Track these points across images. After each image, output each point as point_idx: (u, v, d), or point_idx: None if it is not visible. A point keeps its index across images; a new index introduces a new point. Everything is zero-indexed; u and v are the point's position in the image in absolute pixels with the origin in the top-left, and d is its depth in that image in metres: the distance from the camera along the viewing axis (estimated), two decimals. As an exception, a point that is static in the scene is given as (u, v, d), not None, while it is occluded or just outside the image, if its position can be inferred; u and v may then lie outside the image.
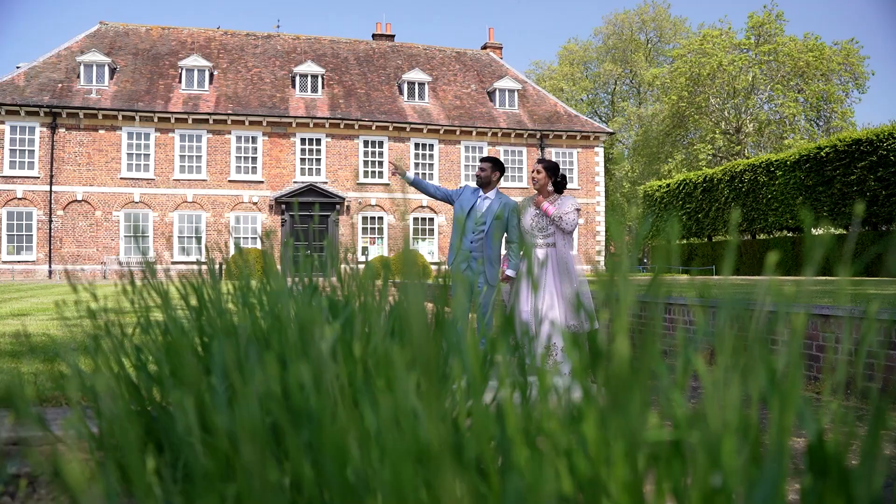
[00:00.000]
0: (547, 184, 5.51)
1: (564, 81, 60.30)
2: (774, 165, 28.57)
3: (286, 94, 30.89)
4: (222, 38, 33.57)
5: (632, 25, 59.92)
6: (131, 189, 28.26)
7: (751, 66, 46.20)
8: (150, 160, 28.63)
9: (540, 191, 5.55)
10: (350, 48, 35.23)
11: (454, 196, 5.79)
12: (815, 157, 26.27)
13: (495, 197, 5.69)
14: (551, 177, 5.51)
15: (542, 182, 5.51)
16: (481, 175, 5.67)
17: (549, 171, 5.51)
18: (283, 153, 29.95)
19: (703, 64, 45.61)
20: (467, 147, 32.05)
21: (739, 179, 30.83)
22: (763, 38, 47.00)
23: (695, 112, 47.86)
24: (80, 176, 27.87)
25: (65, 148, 27.80)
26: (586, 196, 33.37)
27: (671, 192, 36.49)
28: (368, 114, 30.89)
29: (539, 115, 33.66)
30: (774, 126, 47.27)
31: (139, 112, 28.10)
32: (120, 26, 32.65)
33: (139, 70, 30.27)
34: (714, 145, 48.46)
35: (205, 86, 30.02)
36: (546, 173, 5.50)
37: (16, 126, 27.45)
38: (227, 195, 29.26)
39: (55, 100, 27.66)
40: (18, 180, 27.40)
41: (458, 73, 35.20)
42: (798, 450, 3.36)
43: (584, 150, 33.60)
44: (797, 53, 44.88)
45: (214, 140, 29.23)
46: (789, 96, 45.41)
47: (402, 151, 31.30)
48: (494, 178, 5.71)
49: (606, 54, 61.26)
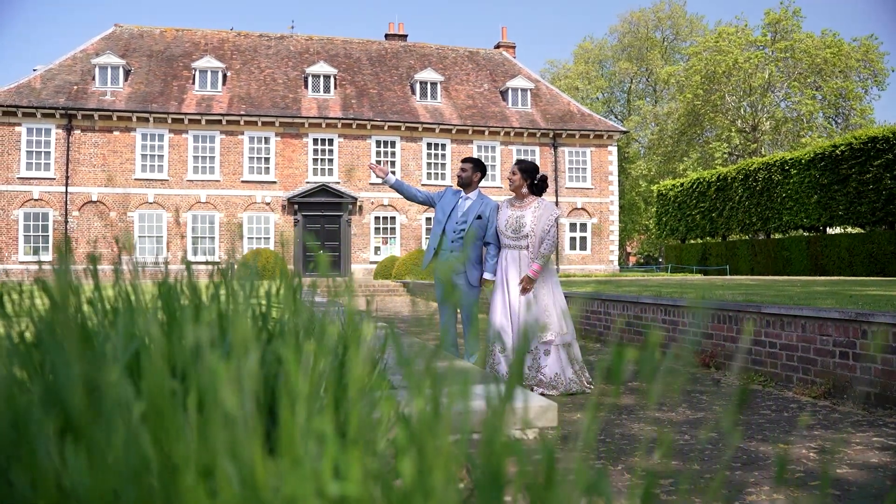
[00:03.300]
0: (522, 186, 5.44)
1: (580, 80, 60.01)
2: (789, 164, 28.26)
3: (299, 95, 30.98)
4: (235, 40, 33.72)
5: (647, 23, 59.54)
6: (145, 190, 28.47)
7: (767, 64, 45.76)
8: (164, 161, 28.83)
9: (515, 192, 5.49)
10: (362, 48, 35.26)
11: (436, 199, 5.77)
12: (831, 155, 25.96)
13: (476, 198, 5.66)
14: (527, 179, 5.44)
15: (517, 184, 5.44)
16: (462, 176, 5.65)
17: (525, 172, 5.44)
18: (295, 153, 30.04)
19: (718, 62, 45.22)
20: (480, 147, 31.97)
21: (754, 178, 30.54)
22: (780, 35, 46.54)
23: (710, 110, 47.46)
24: (95, 177, 28.12)
25: (80, 149, 28.05)
26: (599, 195, 33.19)
27: (685, 192, 36.21)
28: (381, 114, 30.91)
29: (552, 114, 33.52)
30: (791, 124, 46.78)
31: (153, 113, 28.30)
32: (134, 28, 32.89)
33: (153, 72, 30.47)
34: (730, 144, 48.05)
35: (218, 87, 30.17)
36: (521, 175, 5.43)
37: (32, 128, 27.74)
38: (240, 195, 29.40)
39: (71, 102, 27.92)
40: (35, 181, 27.68)
41: (470, 73, 35.13)
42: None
43: (598, 149, 33.42)
44: (814, 50, 44.40)
45: (227, 141, 29.38)
46: (806, 94, 44.93)
47: (414, 151, 31.29)
48: (475, 179, 5.68)
49: (622, 53, 60.91)
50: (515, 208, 5.42)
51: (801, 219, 27.49)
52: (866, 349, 4.78)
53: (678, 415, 4.45)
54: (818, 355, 5.19)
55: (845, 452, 3.53)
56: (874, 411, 4.53)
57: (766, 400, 4.96)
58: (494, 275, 5.47)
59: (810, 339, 5.27)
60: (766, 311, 5.76)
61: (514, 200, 5.49)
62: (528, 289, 5.25)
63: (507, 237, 5.39)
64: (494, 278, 5.47)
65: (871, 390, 4.70)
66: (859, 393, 4.79)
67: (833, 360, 5.04)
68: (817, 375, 5.18)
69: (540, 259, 5.24)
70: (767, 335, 5.75)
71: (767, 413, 4.52)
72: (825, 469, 0.74)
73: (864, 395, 4.76)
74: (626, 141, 55.64)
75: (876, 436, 3.89)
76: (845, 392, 4.91)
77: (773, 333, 5.67)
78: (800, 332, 5.38)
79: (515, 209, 5.41)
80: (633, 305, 7.85)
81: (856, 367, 4.84)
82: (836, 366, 5.01)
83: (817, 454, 3.50)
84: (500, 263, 5.43)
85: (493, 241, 5.51)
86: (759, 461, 3.37)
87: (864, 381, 4.77)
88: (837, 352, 5.01)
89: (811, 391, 5.08)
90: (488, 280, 5.49)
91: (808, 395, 5.06)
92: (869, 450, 3.59)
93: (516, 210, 5.40)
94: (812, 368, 5.24)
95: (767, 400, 4.96)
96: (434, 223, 5.77)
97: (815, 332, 5.23)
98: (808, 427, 4.12)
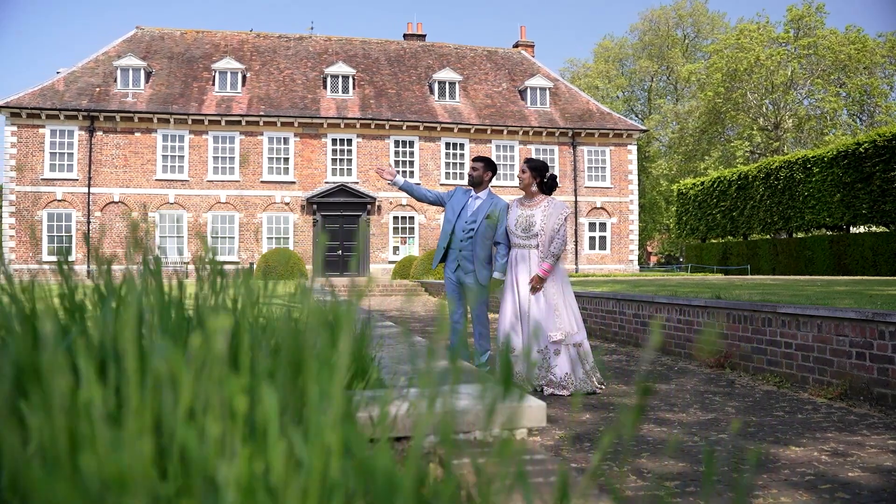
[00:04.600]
0: (531, 184, 5.42)
1: (599, 79, 59.69)
2: (811, 162, 27.90)
3: (317, 95, 31.09)
4: (255, 41, 33.92)
5: (668, 21, 59.09)
6: (166, 190, 28.72)
7: (790, 61, 45.21)
8: (185, 162, 29.06)
9: (525, 191, 5.47)
10: (381, 48, 35.32)
11: (446, 198, 5.76)
12: (854, 152, 25.58)
13: (486, 197, 5.64)
14: (537, 177, 5.42)
15: (526, 182, 5.43)
16: (473, 175, 5.63)
17: (534, 170, 5.42)
18: (314, 154, 30.15)
19: (740, 59, 44.75)
20: (498, 146, 31.90)
21: (775, 177, 30.18)
22: (802, 32, 45.97)
23: (732, 108, 46.98)
24: (116, 178, 28.41)
25: (102, 150, 28.36)
26: (619, 195, 32.97)
27: (705, 190, 35.89)
28: (399, 114, 30.93)
29: (571, 113, 33.36)
30: (815, 122, 46.18)
31: (174, 115, 28.54)
32: (155, 31, 33.19)
33: (174, 73, 30.73)
34: (752, 142, 47.54)
35: (237, 88, 30.36)
36: (531, 173, 5.42)
37: (55, 130, 28.09)
38: (259, 196, 29.56)
39: (93, 104, 28.22)
40: (58, 182, 28.03)
41: (489, 72, 35.06)
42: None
43: (617, 147, 33.20)
44: (838, 46, 43.78)
45: (247, 141, 29.55)
46: (830, 91, 44.32)
47: (432, 151, 31.28)
48: (486, 178, 5.66)
49: (642, 51, 60.51)
50: (525, 207, 5.39)
51: (823, 218, 27.12)
52: (884, 350, 4.69)
53: (689, 416, 4.39)
54: (834, 356, 5.11)
55: (858, 455, 3.46)
56: (891, 413, 4.44)
57: (781, 401, 4.88)
58: (504, 274, 5.45)
59: (826, 339, 5.19)
60: (782, 311, 5.68)
61: (524, 199, 5.47)
62: (538, 288, 5.21)
63: (517, 236, 5.37)
64: (504, 278, 5.44)
65: (889, 392, 4.62)
66: (876, 394, 4.70)
67: (849, 361, 4.95)
68: (833, 376, 5.09)
69: (549, 258, 5.21)
70: (783, 335, 5.66)
71: (780, 415, 4.45)
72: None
73: (881, 396, 4.67)
74: (647, 140, 55.27)
75: (891, 438, 3.81)
76: (862, 393, 4.82)
77: (789, 334, 5.59)
78: (816, 333, 5.30)
79: (525, 208, 5.38)
80: (648, 305, 7.77)
81: (873, 368, 4.75)
82: (852, 367, 4.92)
83: (829, 457, 3.43)
84: (510, 263, 5.41)
85: (503, 241, 5.48)
86: (769, 463, 3.31)
87: (880, 383, 4.68)
88: (854, 352, 4.92)
89: (827, 392, 4.99)
90: (498, 279, 5.46)
91: (824, 396, 4.98)
92: (883, 452, 3.51)
93: (526, 209, 5.37)
94: (828, 369, 5.15)
95: (782, 401, 4.88)
96: (444, 222, 5.75)
97: (832, 332, 5.14)
98: (821, 429, 4.05)
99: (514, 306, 5.31)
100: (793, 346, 5.54)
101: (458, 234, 5.56)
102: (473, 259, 5.51)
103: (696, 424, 4.14)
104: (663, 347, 7.39)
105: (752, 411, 4.54)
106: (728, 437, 3.82)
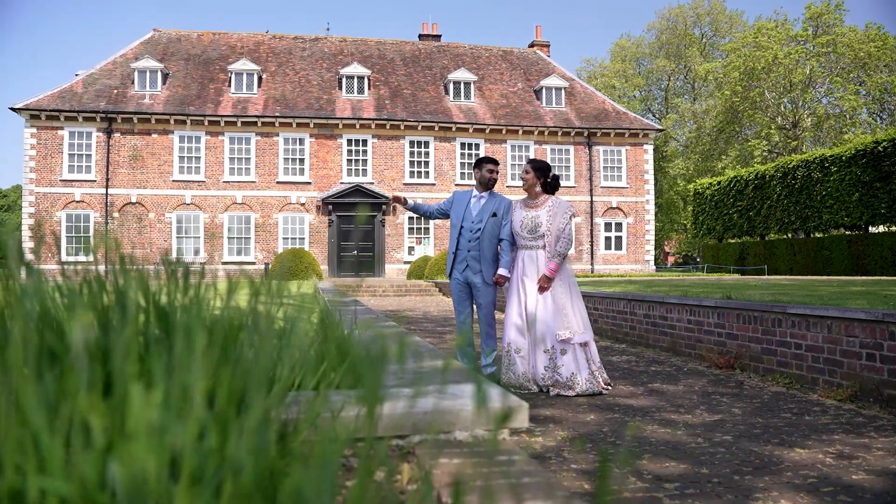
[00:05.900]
0: (535, 184, 5.42)
1: (616, 78, 59.46)
2: (829, 161, 27.60)
3: (333, 96, 31.18)
4: (270, 42, 34.09)
5: (686, 20, 58.76)
6: (183, 191, 28.93)
7: (808, 59, 44.79)
8: (201, 163, 29.26)
9: (528, 191, 5.47)
10: (396, 49, 35.37)
11: (445, 206, 5.82)
12: (873, 151, 25.28)
13: (489, 196, 5.67)
14: (540, 177, 5.42)
15: (530, 182, 5.43)
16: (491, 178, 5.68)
17: (538, 171, 5.43)
18: (329, 154, 30.25)
19: (757, 58, 44.38)
20: (514, 146, 31.84)
21: (792, 176, 29.90)
22: (821, 30, 45.52)
23: (749, 107, 46.60)
24: (133, 179, 28.66)
25: (119, 152, 28.62)
26: (635, 195, 32.79)
27: (722, 190, 35.63)
28: (414, 114, 30.96)
29: (587, 112, 33.23)
30: (834, 120, 45.70)
31: (190, 116, 28.74)
32: (172, 33, 33.45)
33: (190, 75, 30.95)
34: (770, 141, 47.12)
35: (253, 89, 30.53)
36: (535, 173, 5.42)
37: (74, 131, 28.39)
38: (275, 196, 29.70)
39: (111, 105, 28.50)
40: (76, 184, 28.32)
41: (504, 72, 35.01)
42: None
43: (633, 147, 33.02)
44: (858, 44, 43.31)
45: (263, 142, 29.70)
46: (849, 89, 43.85)
47: (448, 151, 31.27)
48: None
49: (660, 50, 60.21)
50: (530, 209, 5.39)
51: (841, 217, 26.83)
52: (894, 351, 4.62)
53: (695, 417, 4.36)
54: (844, 357, 5.04)
55: (864, 458, 3.41)
56: (901, 415, 4.38)
57: (789, 403, 4.83)
58: (509, 271, 5.46)
59: (836, 340, 5.13)
60: (792, 312, 5.62)
61: (527, 200, 5.46)
62: (546, 287, 5.20)
63: (523, 238, 5.36)
64: (509, 275, 5.44)
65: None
66: (886, 396, 4.64)
67: (859, 363, 4.89)
68: (843, 378, 5.03)
69: (556, 258, 5.20)
70: (793, 336, 5.60)
71: (788, 416, 4.40)
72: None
73: (891, 398, 4.61)
74: (664, 139, 54.95)
75: (899, 441, 3.76)
76: (872, 395, 4.76)
77: (799, 335, 5.53)
78: (826, 333, 5.24)
79: (530, 209, 5.38)
80: (658, 305, 7.72)
81: (883, 369, 4.69)
82: (862, 368, 4.86)
83: (834, 459, 3.39)
84: (517, 264, 5.40)
85: (508, 238, 5.51)
86: (772, 465, 3.27)
87: (891, 384, 4.62)
88: (864, 353, 4.86)
89: (837, 394, 4.93)
90: (503, 276, 5.46)
91: (834, 397, 4.92)
92: (890, 455, 3.46)
93: (531, 210, 5.37)
94: (838, 370, 5.09)
95: (790, 403, 4.83)
96: (451, 228, 5.80)
97: (842, 333, 5.08)
98: (828, 431, 4.00)
99: (519, 307, 5.30)
100: (803, 347, 5.48)
101: (465, 235, 5.61)
102: (480, 258, 5.55)
103: (700, 426, 4.10)
104: (673, 348, 7.35)
105: (759, 413, 4.49)
106: (732, 438, 3.79)
